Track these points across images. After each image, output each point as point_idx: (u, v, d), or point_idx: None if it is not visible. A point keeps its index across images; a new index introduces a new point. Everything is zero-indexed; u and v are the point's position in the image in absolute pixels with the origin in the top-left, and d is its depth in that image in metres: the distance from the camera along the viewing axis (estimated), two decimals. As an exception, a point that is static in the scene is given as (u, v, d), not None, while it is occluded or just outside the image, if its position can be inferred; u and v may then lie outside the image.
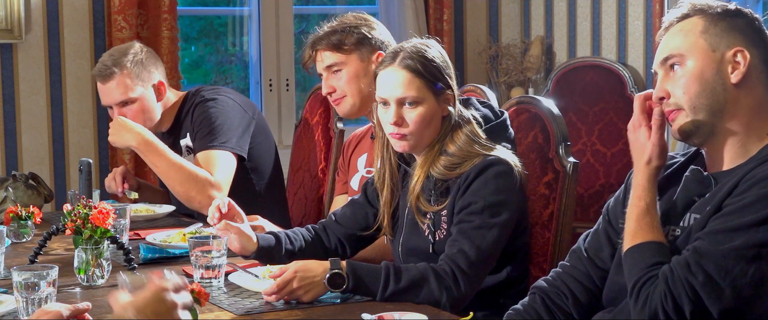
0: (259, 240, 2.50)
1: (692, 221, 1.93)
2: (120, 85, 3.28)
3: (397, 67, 2.44)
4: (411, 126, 2.43)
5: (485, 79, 5.23)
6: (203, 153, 3.25)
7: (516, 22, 5.39)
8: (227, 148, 3.26)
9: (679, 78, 1.96)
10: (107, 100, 3.33)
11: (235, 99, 3.41)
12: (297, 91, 5.07)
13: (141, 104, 3.31)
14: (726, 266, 1.79)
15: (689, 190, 1.99)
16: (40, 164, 4.45)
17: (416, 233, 2.49)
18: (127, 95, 3.29)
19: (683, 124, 1.97)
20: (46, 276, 2.08)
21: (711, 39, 1.95)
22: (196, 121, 3.32)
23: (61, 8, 4.45)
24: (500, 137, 2.49)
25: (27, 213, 2.91)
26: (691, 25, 1.97)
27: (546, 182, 2.67)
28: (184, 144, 3.40)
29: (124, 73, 3.27)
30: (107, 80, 3.29)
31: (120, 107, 3.30)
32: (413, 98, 2.42)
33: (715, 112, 1.94)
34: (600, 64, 4.83)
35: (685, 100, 1.96)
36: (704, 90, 1.94)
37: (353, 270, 2.23)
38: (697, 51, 1.95)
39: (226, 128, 3.28)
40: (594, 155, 4.73)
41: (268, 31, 4.96)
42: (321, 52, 2.95)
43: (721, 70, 1.93)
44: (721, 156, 1.97)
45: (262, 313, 2.17)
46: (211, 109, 3.31)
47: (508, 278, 2.51)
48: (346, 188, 3.12)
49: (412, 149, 2.47)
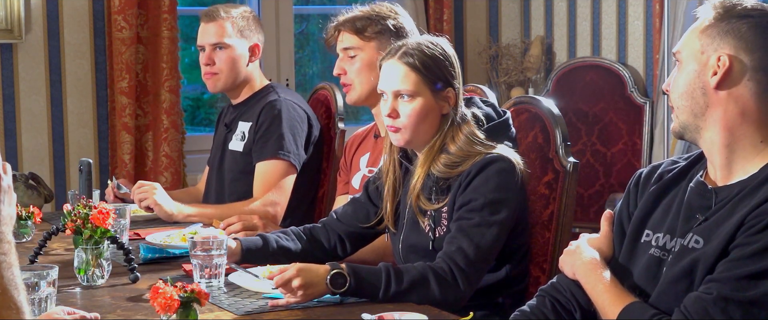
0: (243, 243, 2.52)
1: (694, 243, 1.89)
2: (220, 27, 3.40)
3: (396, 61, 2.47)
4: (404, 119, 2.45)
5: (485, 79, 5.23)
6: (267, 162, 3.33)
7: (516, 22, 5.39)
8: (288, 159, 3.34)
9: (676, 76, 1.96)
10: (204, 39, 3.44)
11: (303, 107, 3.47)
12: (297, 91, 5.07)
13: (231, 53, 3.40)
14: (752, 312, 1.76)
15: (691, 204, 1.95)
16: (40, 164, 4.45)
17: (416, 230, 2.50)
18: (223, 39, 3.39)
19: (674, 125, 1.98)
20: (46, 276, 2.08)
21: (705, 39, 1.91)
22: (263, 123, 3.37)
23: (61, 8, 4.45)
24: (502, 136, 2.49)
25: (27, 213, 2.91)
26: (700, 22, 1.94)
27: (546, 182, 2.67)
28: (242, 129, 3.44)
29: (228, 19, 3.40)
30: (210, 21, 3.42)
31: (213, 49, 3.40)
32: (408, 92, 2.45)
33: (695, 115, 1.92)
34: (600, 64, 4.83)
35: (673, 99, 1.96)
36: (686, 92, 1.93)
37: (354, 271, 2.24)
38: (690, 50, 1.93)
39: (288, 138, 3.35)
40: (594, 155, 4.73)
41: (268, 31, 4.96)
42: (343, 33, 2.96)
43: (702, 73, 1.91)
44: (716, 163, 1.94)
45: (262, 313, 2.16)
46: (282, 115, 3.37)
47: (507, 277, 2.51)
48: (347, 188, 3.12)
49: (407, 143, 2.49)
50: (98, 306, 2.21)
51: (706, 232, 1.88)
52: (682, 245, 1.91)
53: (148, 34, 4.52)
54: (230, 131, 3.49)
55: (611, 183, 4.68)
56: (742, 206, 1.85)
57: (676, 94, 1.95)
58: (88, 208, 2.43)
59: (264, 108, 3.39)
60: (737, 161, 1.92)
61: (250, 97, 3.48)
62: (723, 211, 1.88)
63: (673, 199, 2.01)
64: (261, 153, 3.35)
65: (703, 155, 2.03)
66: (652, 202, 2.05)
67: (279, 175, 3.32)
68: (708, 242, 1.86)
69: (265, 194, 3.28)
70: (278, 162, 3.33)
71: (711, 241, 1.85)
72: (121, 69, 4.43)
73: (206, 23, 3.42)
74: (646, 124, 4.64)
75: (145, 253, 2.67)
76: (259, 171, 3.34)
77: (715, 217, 1.88)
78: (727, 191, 1.90)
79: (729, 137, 1.91)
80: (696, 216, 1.92)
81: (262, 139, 3.35)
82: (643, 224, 2.04)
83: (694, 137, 1.96)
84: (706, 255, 1.85)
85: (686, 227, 1.93)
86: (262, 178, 3.32)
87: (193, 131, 5.07)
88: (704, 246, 1.86)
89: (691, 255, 1.87)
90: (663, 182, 2.05)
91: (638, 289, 1.99)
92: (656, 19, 4.65)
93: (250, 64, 3.44)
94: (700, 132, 1.94)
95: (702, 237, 1.88)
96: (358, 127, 3.26)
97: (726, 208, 1.88)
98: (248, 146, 3.40)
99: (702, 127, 1.93)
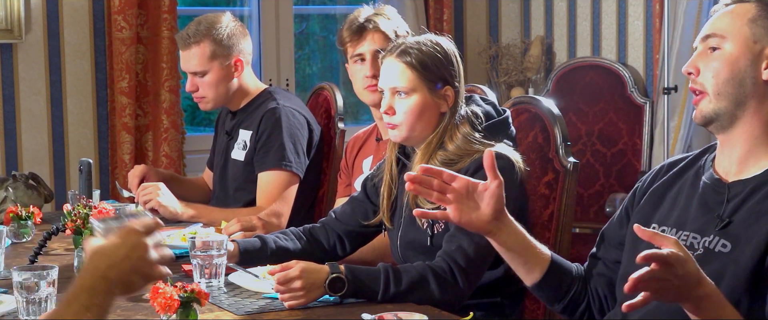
0: (241, 244, 2.52)
1: (721, 247, 1.87)
2: (195, 55, 3.34)
3: (394, 58, 2.48)
4: (400, 116, 2.47)
5: (485, 79, 5.23)
6: (269, 173, 3.31)
7: (516, 22, 5.39)
8: (290, 169, 3.32)
9: (714, 60, 1.92)
10: (184, 66, 3.40)
11: (302, 112, 3.44)
12: (297, 91, 5.07)
13: (212, 78, 3.35)
14: None
15: (707, 201, 1.94)
16: (40, 164, 4.45)
17: (415, 226, 2.50)
18: (200, 68, 3.34)
19: (705, 110, 1.93)
20: (46, 276, 2.07)
21: (757, 29, 1.90)
22: (264, 132, 3.34)
23: (61, 8, 4.45)
24: (502, 134, 2.50)
25: (27, 213, 2.91)
26: (743, 10, 1.92)
27: (546, 182, 2.67)
28: (244, 138, 3.42)
29: (202, 43, 3.33)
30: (185, 48, 3.36)
31: (194, 76, 3.37)
32: (404, 89, 2.46)
33: (738, 103, 1.90)
34: (600, 64, 4.83)
35: (712, 85, 1.92)
36: (733, 78, 1.90)
37: (353, 274, 2.23)
38: (738, 37, 1.91)
39: (289, 147, 3.33)
40: (594, 155, 4.72)
41: (268, 31, 4.96)
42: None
43: (755, 62, 1.89)
44: (735, 156, 1.94)
45: (262, 313, 2.16)
46: (282, 123, 3.34)
47: (506, 276, 2.51)
48: (349, 191, 3.12)
49: (405, 140, 2.50)
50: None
51: (733, 237, 1.87)
52: (706, 248, 1.90)
53: (148, 34, 4.52)
54: (232, 139, 3.46)
55: (611, 184, 4.68)
56: (766, 208, 1.84)
57: (719, 79, 1.91)
58: (88, 208, 2.43)
59: (264, 116, 3.35)
60: (756, 154, 1.92)
61: (248, 103, 3.45)
62: (744, 212, 1.87)
63: (679, 192, 2.01)
64: (263, 163, 3.33)
65: (708, 150, 2.03)
66: (659, 196, 2.05)
67: (282, 186, 3.30)
68: (736, 246, 1.85)
69: (268, 205, 3.26)
70: (280, 173, 3.30)
71: (740, 246, 1.84)
72: (121, 69, 4.43)
73: (182, 50, 3.37)
74: (646, 124, 4.64)
75: (145, 253, 2.67)
76: (262, 182, 3.32)
77: (739, 219, 1.87)
78: (741, 186, 1.90)
79: (761, 129, 1.91)
80: (714, 215, 1.91)
81: (263, 149, 3.34)
82: (650, 217, 2.04)
83: (725, 126, 1.93)
84: (737, 262, 1.84)
85: (703, 224, 1.92)
86: (264, 189, 3.31)
87: (193, 131, 5.07)
88: (733, 252, 1.85)
89: (720, 260, 1.86)
90: (668, 177, 2.05)
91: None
92: (656, 19, 4.65)
93: (236, 78, 3.39)
94: (735, 121, 1.92)
95: (729, 242, 1.87)
96: (358, 127, 3.26)
97: (746, 208, 1.87)
98: (250, 155, 3.38)
99: (739, 116, 1.91)
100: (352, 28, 3.00)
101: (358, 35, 2.99)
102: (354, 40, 3.00)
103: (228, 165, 3.47)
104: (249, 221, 2.85)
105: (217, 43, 3.33)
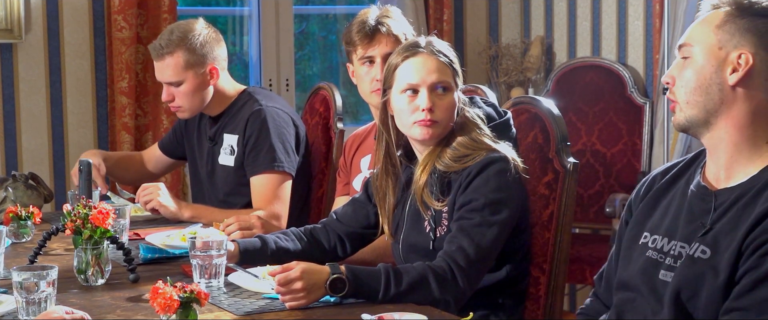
0: (241, 244, 2.52)
1: (700, 253, 1.88)
2: (168, 66, 3.31)
3: (429, 55, 2.45)
4: (440, 113, 2.44)
5: (485, 79, 5.23)
6: (262, 176, 3.29)
7: (516, 22, 5.39)
8: (283, 169, 3.30)
9: (685, 68, 1.93)
10: (159, 76, 3.38)
11: (286, 110, 3.43)
12: (297, 91, 5.07)
13: (187, 87, 3.33)
14: None
15: (693, 208, 1.94)
16: (40, 164, 4.45)
17: (417, 229, 2.49)
18: (174, 78, 3.32)
19: (678, 119, 1.95)
20: (46, 276, 2.08)
21: (722, 35, 1.89)
22: (251, 136, 3.32)
23: (61, 8, 4.45)
24: (503, 136, 2.50)
25: (27, 213, 2.91)
26: (712, 17, 1.92)
27: (546, 182, 2.67)
28: (229, 143, 3.40)
29: (174, 54, 3.30)
30: (159, 59, 3.33)
31: (169, 86, 3.34)
32: (447, 84, 2.45)
33: (707, 111, 1.90)
34: (600, 64, 4.83)
35: (681, 94, 1.93)
36: (699, 86, 1.91)
37: (354, 275, 2.23)
38: (705, 45, 1.91)
39: (278, 147, 3.31)
40: (594, 155, 4.72)
41: (268, 31, 4.96)
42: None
43: (720, 68, 1.89)
44: (720, 162, 1.93)
45: (262, 313, 2.16)
46: (269, 124, 3.32)
47: (507, 277, 2.51)
48: (347, 189, 3.12)
49: (435, 137, 2.46)
50: (98, 306, 2.21)
51: (712, 242, 1.87)
52: (687, 255, 1.90)
53: (148, 34, 4.52)
54: (216, 144, 3.43)
55: (611, 184, 4.68)
56: (745, 215, 1.84)
57: (687, 89, 1.92)
58: (87, 208, 2.43)
59: (249, 119, 3.33)
60: (740, 160, 1.91)
61: (228, 107, 3.43)
62: (725, 219, 1.87)
63: (671, 201, 2.01)
64: (254, 167, 3.31)
65: (700, 155, 2.03)
66: (651, 205, 2.05)
67: (276, 187, 3.28)
68: (715, 252, 1.86)
69: (265, 208, 3.25)
70: (273, 175, 3.28)
71: (719, 252, 1.85)
72: (121, 69, 4.43)
73: (156, 61, 3.35)
74: (646, 124, 4.64)
75: (144, 253, 2.67)
76: (256, 186, 3.30)
77: (719, 226, 1.88)
78: (727, 194, 1.90)
79: (737, 135, 1.90)
80: (699, 222, 1.91)
81: (253, 153, 3.31)
82: (642, 226, 2.04)
83: (701, 132, 1.93)
84: (715, 269, 1.84)
85: (689, 233, 1.92)
86: (259, 192, 3.29)
87: (193, 131, 5.06)
88: (711, 258, 1.86)
89: (699, 266, 1.87)
90: (661, 184, 2.05)
91: (631, 289, 2.00)
92: (656, 19, 4.65)
93: (211, 86, 3.36)
94: (708, 128, 1.92)
95: (709, 248, 1.87)
96: (358, 127, 3.25)
97: (728, 216, 1.87)
98: (239, 160, 3.36)
99: (712, 123, 1.91)
100: (364, 30, 2.96)
101: (369, 37, 2.96)
102: (365, 42, 2.97)
103: (216, 171, 3.45)
104: (247, 220, 2.84)
105: (191, 51, 3.30)
